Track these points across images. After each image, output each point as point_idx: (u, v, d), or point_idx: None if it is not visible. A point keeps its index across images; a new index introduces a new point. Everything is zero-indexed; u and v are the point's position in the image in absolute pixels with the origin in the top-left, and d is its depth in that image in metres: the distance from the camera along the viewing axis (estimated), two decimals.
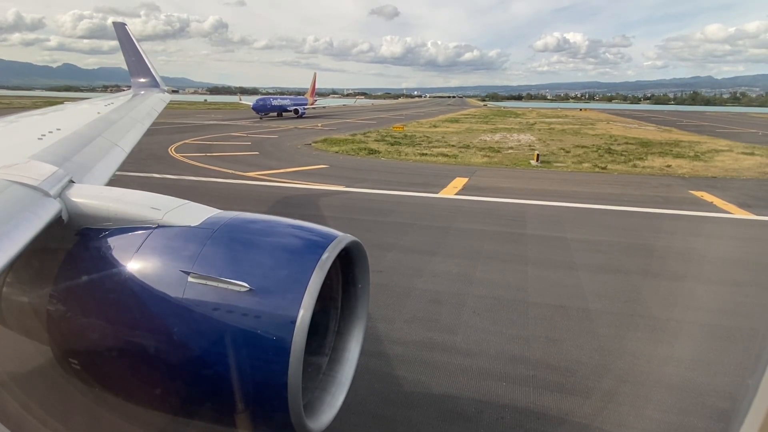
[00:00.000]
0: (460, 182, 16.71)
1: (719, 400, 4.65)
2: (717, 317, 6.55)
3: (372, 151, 25.37)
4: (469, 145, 29.57)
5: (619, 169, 20.83)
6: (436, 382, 4.86)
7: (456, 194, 14.83)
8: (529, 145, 30.00)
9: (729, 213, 12.84)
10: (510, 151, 27.44)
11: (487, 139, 34.76)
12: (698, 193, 15.44)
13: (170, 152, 23.06)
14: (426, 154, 24.98)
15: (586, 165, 21.74)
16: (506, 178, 18.29)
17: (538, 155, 22.86)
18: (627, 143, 32.65)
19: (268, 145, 27.64)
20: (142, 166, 17.67)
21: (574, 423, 4.31)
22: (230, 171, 18.11)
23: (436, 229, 10.85)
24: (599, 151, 27.40)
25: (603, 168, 20.91)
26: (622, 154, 25.85)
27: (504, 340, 5.76)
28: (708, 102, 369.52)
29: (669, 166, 21.66)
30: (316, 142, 29.26)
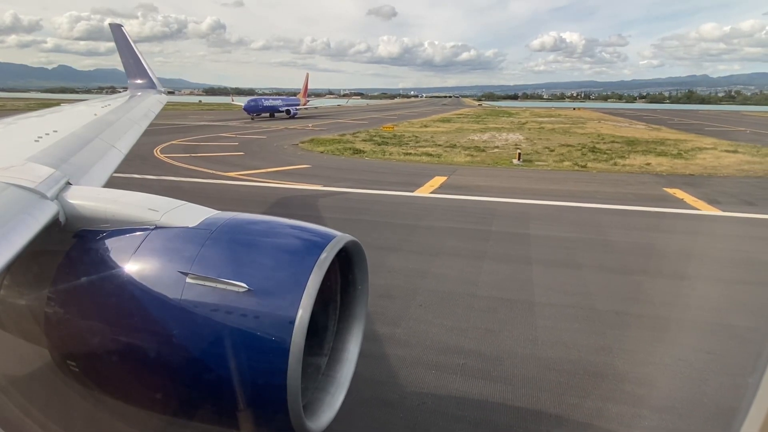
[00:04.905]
0: (437, 181, 16.90)
1: (637, 387, 4.86)
2: (657, 309, 6.74)
3: (357, 151, 25.55)
4: (455, 145, 29.75)
5: (599, 167, 21.06)
6: (366, 371, 5.01)
7: (431, 193, 15.03)
8: (516, 145, 30.17)
9: (697, 209, 13.06)
10: (495, 150, 27.65)
11: (476, 138, 34.95)
12: (671, 191, 15.66)
13: (155, 153, 23.18)
14: (410, 153, 25.15)
15: (566, 163, 21.96)
16: (485, 176, 18.49)
17: (519, 154, 23.07)
18: (613, 142, 32.91)
19: (255, 146, 27.79)
20: (124, 167, 17.61)
21: (491, 406, 4.50)
22: (211, 171, 18.27)
23: (404, 226, 11.04)
24: (583, 149, 27.63)
25: (582, 166, 21.14)
26: (605, 153, 26.10)
27: (443, 331, 5.95)
28: (703, 101, 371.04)
29: (649, 164, 21.90)
30: (303, 143, 29.42)
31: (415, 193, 14.89)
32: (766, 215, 12.37)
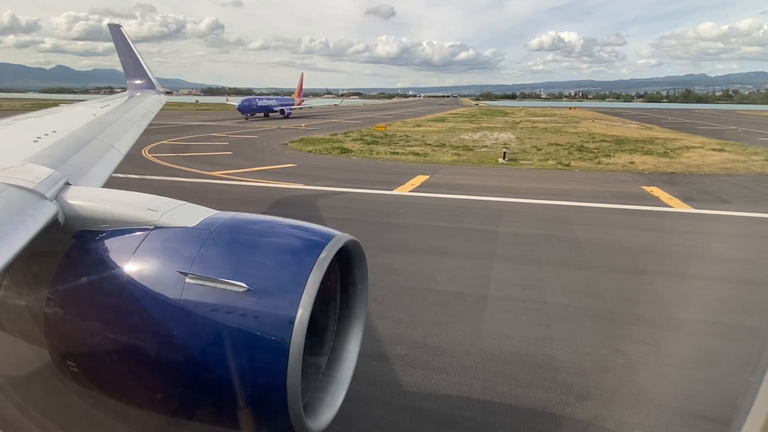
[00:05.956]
0: (419, 180, 17.05)
1: (570, 375, 5.01)
2: (606, 303, 6.90)
3: (345, 151, 25.71)
4: (444, 144, 29.91)
5: (582, 166, 21.22)
6: None
7: (411, 191, 15.18)
8: (505, 144, 30.34)
9: (670, 207, 13.23)
10: (483, 149, 27.81)
11: (466, 137, 35.12)
12: (649, 188, 15.81)
13: (143, 153, 23.29)
14: (398, 152, 25.30)
15: (550, 162, 22.12)
16: (467, 175, 18.65)
17: (505, 153, 23.25)
18: (603, 141, 33.10)
19: (245, 146, 27.94)
20: None
21: (423, 394, 4.66)
22: (196, 171, 18.41)
23: (377, 224, 11.21)
24: (570, 148, 27.82)
25: (566, 165, 21.30)
26: (591, 152, 26.28)
27: (393, 324, 6.11)
28: (701, 100, 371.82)
29: (632, 162, 22.07)
30: (292, 142, 29.58)
31: (395, 192, 15.06)
32: (737, 212, 12.56)
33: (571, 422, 4.32)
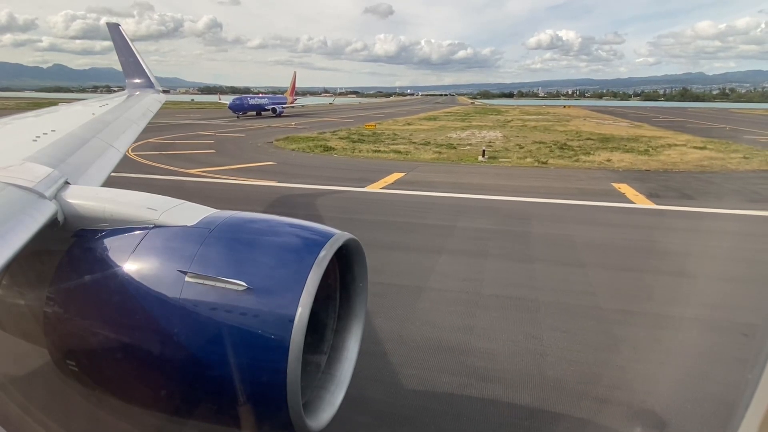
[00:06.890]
0: (393, 177, 17.29)
1: (478, 360, 5.27)
2: (537, 293, 7.13)
3: (328, 149, 25.95)
4: (429, 142, 30.12)
5: (560, 163, 21.47)
6: None
7: (382, 188, 15.42)
8: (490, 142, 30.60)
9: (632, 203, 13.48)
10: (467, 147, 28.05)
11: (453, 136, 35.37)
12: (618, 185, 16.05)
13: (126, 151, 23.47)
14: (380, 151, 25.52)
15: (528, 160, 22.36)
16: (443, 173, 18.86)
17: (484, 151, 23.48)
18: (588, 139, 33.35)
19: (229, 144, 28.16)
20: None
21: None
22: (174, 168, 18.62)
23: (339, 220, 11.43)
24: (553, 146, 28.07)
25: (543, 163, 21.55)
26: (573, 149, 26.52)
27: None
28: (698, 98, 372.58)
29: (609, 160, 22.32)
30: (278, 140, 29.80)
31: (366, 189, 15.29)
32: (696, 208, 12.84)
33: (465, 402, 4.56)
